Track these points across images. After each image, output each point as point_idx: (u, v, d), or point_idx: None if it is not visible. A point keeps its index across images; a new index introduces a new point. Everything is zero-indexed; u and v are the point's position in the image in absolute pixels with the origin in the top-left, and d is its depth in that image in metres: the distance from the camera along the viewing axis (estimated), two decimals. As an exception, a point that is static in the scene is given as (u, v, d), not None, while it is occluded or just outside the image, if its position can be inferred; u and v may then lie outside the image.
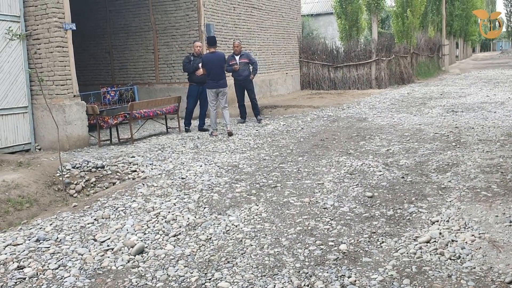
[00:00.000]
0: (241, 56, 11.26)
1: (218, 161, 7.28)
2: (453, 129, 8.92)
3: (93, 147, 8.96)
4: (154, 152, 8.22)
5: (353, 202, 5.06)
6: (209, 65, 9.81)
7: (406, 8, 22.96)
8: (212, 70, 9.77)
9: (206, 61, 9.94)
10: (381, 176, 6.02)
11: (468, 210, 4.59)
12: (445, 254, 3.69)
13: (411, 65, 22.71)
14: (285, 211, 4.90)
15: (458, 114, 10.93)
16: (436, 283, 3.27)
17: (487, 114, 10.60)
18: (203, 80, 10.17)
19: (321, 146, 8.11)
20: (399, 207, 4.84)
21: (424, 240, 3.94)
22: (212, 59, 9.84)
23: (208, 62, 9.87)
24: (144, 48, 13.71)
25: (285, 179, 6.13)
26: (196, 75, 10.28)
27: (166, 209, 5.08)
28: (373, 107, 12.98)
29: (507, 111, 10.80)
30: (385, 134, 8.86)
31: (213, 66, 9.78)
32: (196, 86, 10.39)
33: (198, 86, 10.37)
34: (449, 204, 4.81)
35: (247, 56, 11.44)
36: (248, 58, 11.36)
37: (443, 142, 7.83)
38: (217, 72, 9.84)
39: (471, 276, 3.33)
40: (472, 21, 41.45)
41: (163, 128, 10.93)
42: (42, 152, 8.44)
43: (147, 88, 13.60)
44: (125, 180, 6.69)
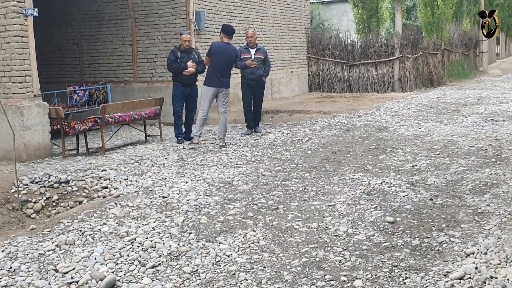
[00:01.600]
0: (257, 51, 11.02)
1: (208, 177, 7.27)
2: (492, 142, 8.93)
3: (56, 158, 8.94)
4: (129, 164, 8.21)
5: (371, 229, 5.05)
6: (219, 55, 9.55)
7: (436, -5, 23.13)
8: (220, 63, 9.56)
9: (217, 49, 9.64)
10: (405, 197, 6.02)
11: (510, 240, 4.58)
12: (482, 293, 3.68)
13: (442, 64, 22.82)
14: (288, 238, 4.89)
15: (499, 123, 10.95)
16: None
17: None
18: (191, 80, 10.12)
19: (332, 160, 8.11)
20: (427, 236, 4.83)
21: (457, 276, 3.93)
22: (226, 50, 9.66)
23: (219, 52, 9.60)
24: (120, 40, 13.75)
25: (289, 199, 6.12)
26: (183, 75, 10.02)
27: (143, 235, 5.06)
28: (395, 114, 13.00)
29: (558, 121, 10.83)
30: (410, 147, 8.86)
31: (224, 59, 9.60)
32: (182, 87, 10.18)
33: (185, 87, 10.18)
34: (488, 233, 4.80)
35: (263, 52, 11.17)
36: (264, 54, 11.11)
37: (480, 158, 7.83)
38: (225, 67, 9.69)
39: (513, 321, 3.31)
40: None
41: (141, 136, 10.92)
42: (-6, 163, 8.42)
43: (123, 88, 13.61)
44: (94, 198, 6.67)
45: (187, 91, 10.18)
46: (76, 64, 14.63)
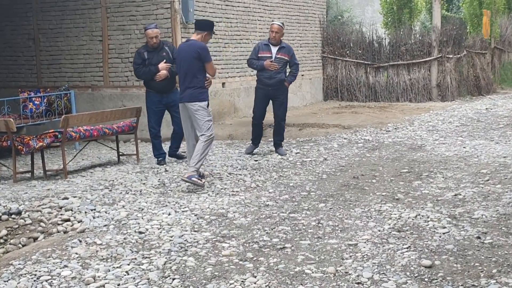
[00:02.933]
0: (280, 49, 10.67)
1: (196, 207, 7.26)
2: (555, 165, 8.94)
3: (5, 183, 8.95)
4: (98, 191, 8.21)
5: (403, 275, 5.03)
6: (178, 59, 8.82)
7: (484, -19, 23.28)
8: (179, 70, 8.79)
9: (177, 51, 9.03)
10: (446, 235, 6.00)
11: None
12: None
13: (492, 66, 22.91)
14: (298, 286, 4.87)
15: None
16: None
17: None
18: (168, 85, 9.96)
19: (353, 187, 8.11)
20: (473, 283, 4.81)
21: (511, 335, 3.91)
22: (184, 50, 8.69)
23: (178, 54, 8.89)
24: (87, 35, 13.79)
25: (298, 236, 6.11)
26: (156, 81, 9.82)
27: (114, 280, 5.04)
28: (433, 129, 13.02)
29: None
30: (451, 171, 8.87)
31: (181, 64, 8.67)
32: (157, 94, 9.97)
33: (160, 94, 9.97)
34: (550, 280, 4.79)
35: (288, 52, 10.82)
36: (289, 55, 10.78)
37: (540, 185, 7.84)
38: (183, 73, 8.66)
39: None
40: None
41: (113, 155, 10.93)
42: None
43: (91, 94, 13.65)
44: (53, 234, 6.65)
45: (164, 99, 9.99)
46: (31, 64, 14.65)
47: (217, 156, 10.73)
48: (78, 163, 10.49)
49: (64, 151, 9.44)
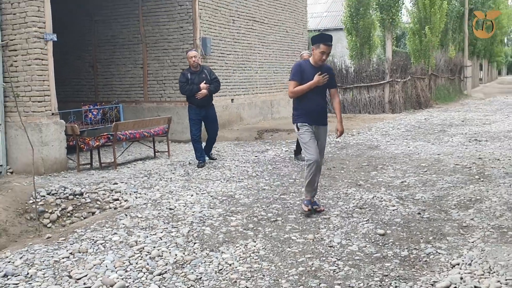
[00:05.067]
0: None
1: (212, 191, 7.26)
2: (476, 161, 8.92)
3: (71, 172, 8.94)
4: (139, 178, 8.20)
5: (363, 240, 5.03)
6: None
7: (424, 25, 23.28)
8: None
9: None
10: (395, 211, 6.00)
11: (493, 253, 4.55)
12: (466, 302, 3.65)
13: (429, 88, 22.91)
14: (286, 248, 4.87)
15: (482, 143, 10.95)
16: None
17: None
18: (206, 102, 9.23)
19: (327, 176, 8.10)
20: (415, 247, 4.81)
21: (443, 286, 3.90)
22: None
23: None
24: (132, 63, 13.81)
25: (287, 212, 6.11)
26: (196, 98, 9.12)
27: (151, 244, 5.04)
28: (386, 134, 13.01)
29: (536, 142, 10.83)
30: (399, 164, 8.86)
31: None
32: (197, 108, 9.25)
33: (199, 108, 9.25)
34: (472, 245, 4.78)
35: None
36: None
37: (464, 175, 7.82)
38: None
39: (496, 328, 3.28)
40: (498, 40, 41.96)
41: (150, 152, 10.93)
42: (14, 175, 8.42)
43: (134, 107, 13.65)
44: (106, 209, 6.66)
45: (202, 113, 9.28)
46: (91, 85, 14.69)
47: (227, 153, 10.72)
48: (124, 158, 10.48)
49: (114, 148, 9.45)
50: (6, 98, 8.65)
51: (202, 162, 9.19)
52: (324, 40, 5.80)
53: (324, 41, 5.78)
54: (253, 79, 15.67)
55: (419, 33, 23.53)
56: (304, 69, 5.90)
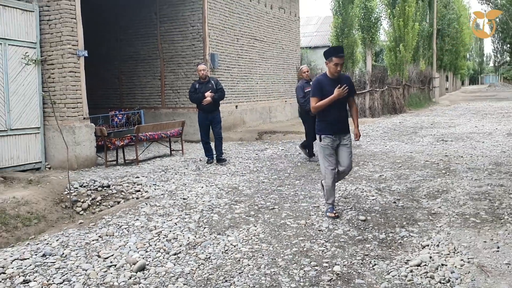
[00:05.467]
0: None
1: (219, 183, 7.25)
2: (443, 157, 8.91)
3: (100, 167, 8.94)
4: (157, 173, 8.19)
5: (347, 225, 5.02)
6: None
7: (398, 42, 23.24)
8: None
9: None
10: (374, 200, 5.99)
11: (457, 236, 4.55)
12: (435, 277, 3.64)
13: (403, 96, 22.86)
14: (282, 232, 4.86)
15: (448, 143, 10.94)
16: (426, 305, 3.22)
17: (475, 143, 10.60)
18: (212, 108, 8.93)
19: (317, 171, 8.09)
20: (391, 231, 4.80)
21: (415, 264, 3.90)
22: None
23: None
24: (151, 75, 13.81)
25: (283, 201, 6.10)
26: (203, 104, 8.90)
27: (167, 228, 5.04)
28: (366, 135, 13.00)
29: (495, 141, 10.81)
30: (378, 161, 8.84)
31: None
32: (204, 113, 9.00)
33: (206, 113, 8.99)
34: (439, 229, 4.77)
35: None
36: None
37: (433, 170, 7.81)
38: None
39: (460, 300, 3.28)
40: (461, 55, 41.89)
41: (167, 151, 10.92)
42: (52, 171, 8.41)
43: (153, 112, 13.64)
44: (129, 199, 6.65)
45: (209, 117, 8.97)
46: (117, 93, 14.68)
47: (232, 151, 10.71)
48: (145, 155, 10.47)
49: (136, 148, 9.45)
50: (44, 105, 8.64)
51: (210, 159, 9.11)
52: (336, 53, 5.27)
53: (336, 54, 5.25)
54: (254, 88, 15.66)
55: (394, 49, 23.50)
56: (322, 84, 5.31)
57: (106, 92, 14.79)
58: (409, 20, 23.10)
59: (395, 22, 23.31)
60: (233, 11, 14.21)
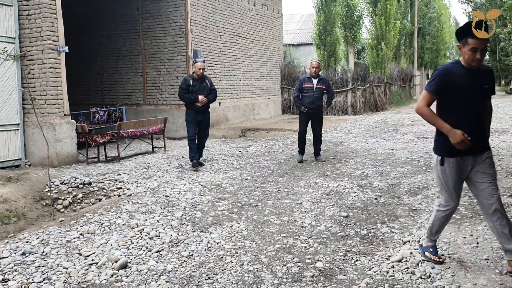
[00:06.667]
0: (319, 81, 8.56)
1: (202, 180, 7.22)
2: (423, 154, 9.01)
3: (81, 164, 8.83)
4: (139, 170, 8.12)
5: (329, 222, 5.05)
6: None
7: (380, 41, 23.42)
8: None
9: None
10: (356, 197, 6.03)
11: (437, 231, 4.60)
12: (416, 273, 3.69)
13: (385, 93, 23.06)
14: (265, 229, 4.86)
15: (428, 140, 11.07)
16: (407, 300, 3.26)
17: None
18: (204, 108, 8.29)
19: (300, 168, 8.11)
20: (373, 227, 4.84)
21: (396, 259, 3.94)
22: None
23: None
24: (133, 71, 13.69)
25: (266, 198, 6.10)
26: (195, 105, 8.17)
27: (149, 226, 5.00)
28: (348, 132, 13.08)
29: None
30: (359, 158, 8.91)
31: None
32: (195, 113, 8.26)
33: (197, 114, 8.28)
34: (420, 225, 4.83)
35: (325, 82, 8.68)
36: (326, 85, 8.66)
37: (414, 166, 7.90)
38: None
39: (440, 294, 3.32)
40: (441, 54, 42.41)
41: (149, 148, 10.84)
42: (32, 168, 8.28)
43: (135, 109, 13.52)
44: (111, 196, 6.59)
45: (199, 117, 8.31)
46: (98, 90, 14.52)
47: (215, 149, 10.67)
48: (127, 152, 10.38)
49: (118, 145, 9.36)
50: (24, 102, 8.49)
51: (196, 161, 8.33)
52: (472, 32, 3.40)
53: (473, 33, 3.39)
54: (237, 85, 15.63)
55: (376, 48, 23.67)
56: (452, 76, 3.55)
57: (88, 89, 14.62)
58: (390, 18, 23.28)
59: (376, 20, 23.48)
60: (216, 8, 14.15)
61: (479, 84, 3.55)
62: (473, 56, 3.46)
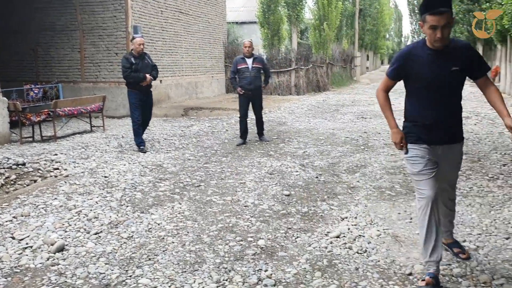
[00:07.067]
0: (255, 60, 8.33)
1: (142, 161, 7.09)
2: (362, 134, 9.29)
3: (14, 144, 8.41)
4: (77, 150, 7.85)
5: (272, 200, 5.12)
6: None
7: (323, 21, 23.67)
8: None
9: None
10: (298, 176, 6.14)
11: (374, 208, 4.79)
12: (353, 248, 3.82)
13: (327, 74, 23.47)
14: (208, 209, 4.86)
15: (367, 120, 11.42)
16: (345, 275, 3.38)
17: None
18: (148, 87, 7.89)
19: (244, 148, 8.14)
20: (313, 205, 4.96)
21: (335, 235, 4.06)
22: None
23: None
24: (70, 47, 13.09)
25: (209, 178, 6.09)
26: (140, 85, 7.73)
27: (88, 207, 4.87)
28: (292, 112, 13.24)
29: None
30: (302, 138, 9.06)
31: None
32: (139, 93, 7.80)
33: (142, 94, 7.83)
34: (357, 202, 5.00)
35: (261, 61, 8.50)
36: (262, 63, 8.46)
37: (353, 146, 8.13)
38: None
39: (376, 269, 3.47)
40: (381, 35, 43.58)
41: (87, 127, 10.47)
42: (-42, 148, 7.80)
43: (72, 87, 12.99)
44: (47, 177, 6.33)
45: (144, 98, 7.87)
46: (32, 66, 13.77)
47: (157, 128, 10.49)
48: (64, 132, 9.98)
49: (54, 123, 8.98)
50: None
51: (143, 147, 7.89)
52: (432, 7, 2.96)
53: (432, 9, 2.96)
54: (179, 63, 15.35)
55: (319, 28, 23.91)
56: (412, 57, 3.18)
57: (20, 65, 13.84)
58: (333, -1, 23.57)
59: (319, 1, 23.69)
60: (157, -17, 13.74)
61: (444, 69, 3.06)
62: (433, 35, 3.01)
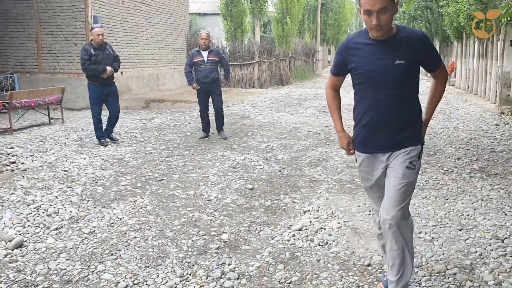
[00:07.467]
0: (210, 53, 8.13)
1: (103, 154, 6.98)
2: (324, 128, 9.45)
3: (-34, 137, 8.10)
4: (35, 143, 7.65)
5: (235, 194, 5.15)
6: None
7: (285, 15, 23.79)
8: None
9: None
10: (261, 169, 6.20)
11: (335, 201, 4.91)
12: (314, 240, 3.91)
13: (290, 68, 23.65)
14: (170, 203, 4.85)
15: (329, 114, 11.54)
16: (307, 267, 3.46)
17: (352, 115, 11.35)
18: (110, 79, 7.65)
19: (207, 141, 8.13)
20: (276, 198, 5.03)
21: (297, 228, 4.14)
22: None
23: None
24: (26, 36, 12.65)
25: (171, 172, 6.06)
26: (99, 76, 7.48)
27: (47, 202, 4.77)
28: (255, 106, 13.30)
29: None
30: (265, 131, 9.12)
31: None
32: (100, 86, 7.59)
33: (103, 86, 7.61)
34: (319, 195, 5.10)
35: (217, 53, 8.28)
36: (218, 56, 8.25)
37: (315, 140, 8.27)
38: None
39: (336, 260, 3.57)
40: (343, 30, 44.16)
41: (45, 119, 10.19)
42: None
43: (29, 77, 12.58)
44: (3, 172, 6.14)
45: (105, 90, 7.64)
46: (-16, 55, 13.25)
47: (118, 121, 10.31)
48: (20, 124, 9.67)
49: (10, 115, 8.68)
50: None
51: (104, 140, 7.76)
52: None
53: None
54: (141, 54, 15.12)
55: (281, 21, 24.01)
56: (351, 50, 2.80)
57: (-28, 53, 13.28)
58: (295, -8, 23.71)
59: (282, -6, 23.78)
60: (118, -28, 13.45)
61: (386, 62, 2.63)
62: (369, 22, 2.56)
